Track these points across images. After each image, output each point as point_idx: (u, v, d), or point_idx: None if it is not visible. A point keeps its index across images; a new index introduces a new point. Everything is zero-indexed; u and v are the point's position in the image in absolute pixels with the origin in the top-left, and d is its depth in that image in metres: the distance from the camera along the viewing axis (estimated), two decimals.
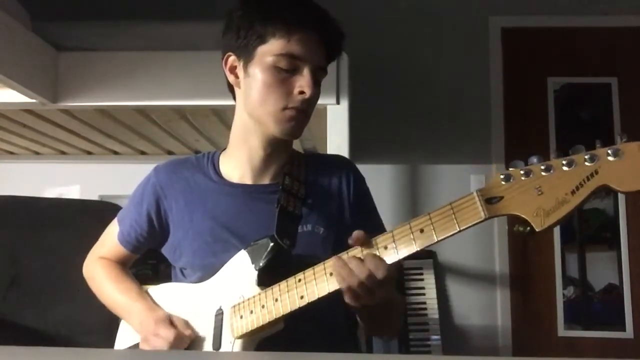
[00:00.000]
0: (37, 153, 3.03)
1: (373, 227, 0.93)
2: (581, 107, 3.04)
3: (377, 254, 0.84)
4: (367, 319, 1.00)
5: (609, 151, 0.71)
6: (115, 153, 3.02)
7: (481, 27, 3.04)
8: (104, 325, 1.48)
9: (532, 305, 2.91)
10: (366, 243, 0.86)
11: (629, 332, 2.84)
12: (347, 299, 0.86)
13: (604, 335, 2.86)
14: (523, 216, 0.75)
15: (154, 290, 1.14)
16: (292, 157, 1.15)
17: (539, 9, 3.03)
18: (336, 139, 1.93)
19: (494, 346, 2.84)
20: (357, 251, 0.86)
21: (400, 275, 2.67)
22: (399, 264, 0.85)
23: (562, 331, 2.87)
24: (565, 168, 0.73)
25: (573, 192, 0.72)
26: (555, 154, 0.75)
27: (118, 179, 2.85)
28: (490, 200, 0.77)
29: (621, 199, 2.92)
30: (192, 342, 1.02)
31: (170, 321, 1.02)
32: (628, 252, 2.89)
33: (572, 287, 2.92)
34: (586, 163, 0.72)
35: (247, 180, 1.11)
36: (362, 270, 0.82)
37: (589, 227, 2.97)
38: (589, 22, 3.03)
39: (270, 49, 1.01)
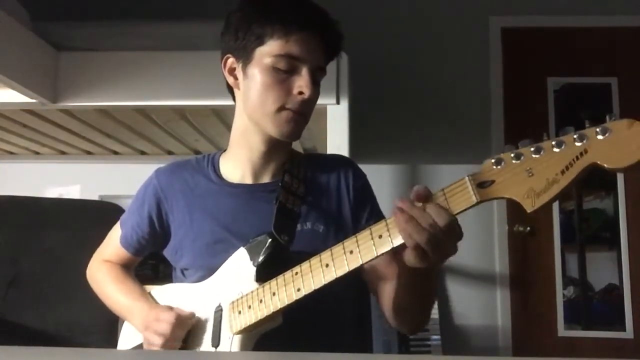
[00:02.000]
0: (37, 153, 3.03)
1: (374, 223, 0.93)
2: (581, 107, 3.04)
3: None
4: (413, 290, 0.95)
5: (598, 129, 0.71)
6: (115, 153, 3.03)
7: (481, 27, 3.04)
8: (104, 326, 1.48)
9: (532, 305, 2.91)
10: (427, 199, 0.81)
11: (629, 332, 2.84)
12: (412, 256, 0.81)
13: (604, 335, 2.86)
14: (514, 198, 0.75)
15: (155, 291, 1.15)
16: (292, 156, 1.15)
17: (539, 9, 3.03)
18: (336, 139, 1.93)
19: (494, 346, 2.84)
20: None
21: None
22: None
23: (562, 331, 2.87)
24: (555, 149, 0.73)
25: (563, 172, 0.72)
26: (546, 136, 0.75)
27: (118, 179, 2.86)
28: (482, 185, 0.77)
29: (621, 199, 2.92)
30: (193, 339, 1.02)
31: (170, 307, 1.04)
32: (628, 252, 2.89)
33: (572, 287, 2.92)
34: (575, 143, 0.72)
35: (248, 180, 1.12)
36: (425, 219, 0.78)
37: (589, 227, 2.97)
38: (589, 22, 3.03)
39: (269, 50, 1.01)
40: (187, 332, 1.01)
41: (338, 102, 1.91)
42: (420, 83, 3.01)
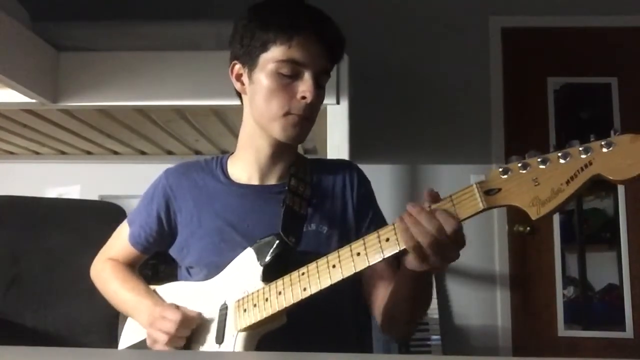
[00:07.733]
0: (37, 153, 3.03)
1: (376, 228, 0.94)
2: (581, 107, 3.04)
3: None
4: (408, 295, 0.98)
5: (602, 143, 0.74)
6: (115, 153, 3.03)
7: (481, 27, 3.04)
8: (104, 325, 1.48)
9: (532, 305, 2.91)
10: (437, 201, 0.83)
11: (629, 332, 2.84)
12: (413, 259, 0.83)
13: (604, 335, 2.86)
14: (520, 206, 0.78)
15: (160, 289, 1.16)
16: (297, 159, 1.18)
17: (539, 9, 3.03)
18: (336, 139, 1.93)
19: (494, 346, 2.84)
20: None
21: None
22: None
23: (562, 331, 2.87)
24: (561, 160, 0.76)
25: (568, 182, 0.75)
26: (552, 148, 0.78)
27: (118, 179, 2.87)
28: (488, 192, 0.80)
29: (621, 199, 2.92)
30: (196, 335, 1.03)
31: (177, 306, 1.04)
32: (628, 252, 2.89)
33: (572, 287, 2.92)
34: (581, 155, 0.75)
35: (255, 181, 1.14)
36: (432, 224, 0.80)
37: (589, 227, 2.97)
38: (589, 22, 3.03)
39: (272, 56, 1.04)
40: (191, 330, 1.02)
41: (338, 102, 1.92)
42: (420, 83, 3.01)
